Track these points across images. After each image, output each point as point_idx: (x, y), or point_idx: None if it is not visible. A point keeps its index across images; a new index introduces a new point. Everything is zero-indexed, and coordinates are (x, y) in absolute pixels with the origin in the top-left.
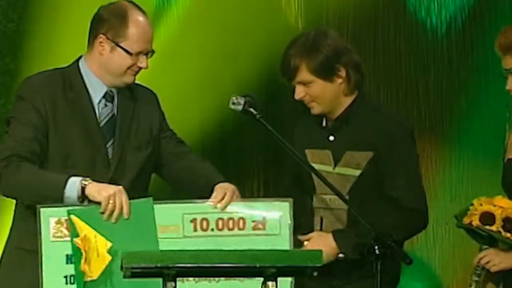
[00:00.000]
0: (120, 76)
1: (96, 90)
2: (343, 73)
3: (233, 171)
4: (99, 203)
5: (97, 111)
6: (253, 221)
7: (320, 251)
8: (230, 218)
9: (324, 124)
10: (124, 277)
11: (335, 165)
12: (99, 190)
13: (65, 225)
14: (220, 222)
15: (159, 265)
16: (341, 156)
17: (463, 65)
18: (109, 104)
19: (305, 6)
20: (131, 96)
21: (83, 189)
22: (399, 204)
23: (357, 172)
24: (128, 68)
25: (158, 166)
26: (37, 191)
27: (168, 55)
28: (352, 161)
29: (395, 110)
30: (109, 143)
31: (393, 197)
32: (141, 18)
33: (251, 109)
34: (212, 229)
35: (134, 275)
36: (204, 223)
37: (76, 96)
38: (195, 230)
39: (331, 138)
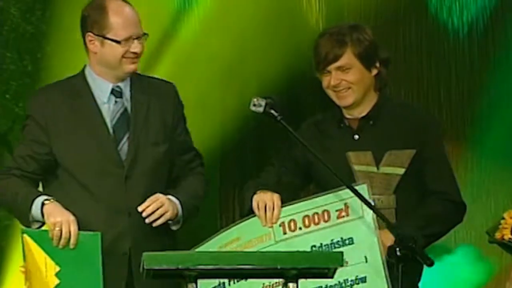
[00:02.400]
0: (118, 67)
1: (102, 89)
2: (378, 65)
3: (253, 172)
4: None
5: (104, 112)
6: (337, 210)
7: (341, 253)
8: (315, 213)
9: (343, 124)
10: (146, 278)
11: (378, 165)
12: (49, 214)
13: None
14: (306, 220)
15: (180, 266)
16: (382, 156)
17: (484, 66)
18: (119, 99)
19: (326, 8)
20: (145, 90)
21: (42, 206)
22: (446, 197)
23: (402, 171)
24: (123, 56)
25: None
26: (12, 207)
27: (189, 56)
28: (395, 160)
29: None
30: (124, 140)
31: (440, 191)
32: (120, 5)
33: (272, 111)
34: (300, 228)
35: (155, 276)
36: (292, 224)
37: (81, 102)
38: (285, 233)
39: (356, 137)
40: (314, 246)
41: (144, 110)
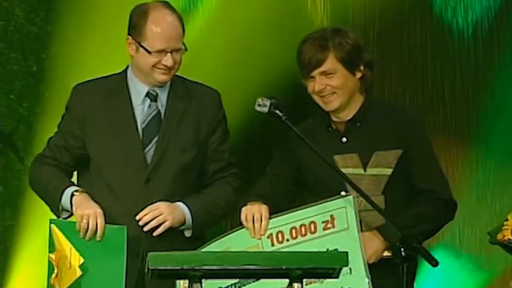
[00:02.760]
0: (149, 75)
1: (138, 91)
2: (362, 68)
3: (258, 172)
4: None
5: (137, 113)
6: (323, 222)
7: (346, 252)
8: (302, 225)
9: (331, 128)
10: (151, 278)
11: (365, 167)
12: (77, 206)
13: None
14: (293, 231)
15: (185, 267)
16: (369, 157)
17: (489, 66)
18: (153, 103)
19: (330, 8)
20: (185, 95)
21: (71, 198)
22: (435, 196)
23: (389, 171)
24: (154, 66)
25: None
26: (43, 194)
27: (193, 56)
28: (382, 160)
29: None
30: (152, 143)
31: (429, 189)
32: (162, 16)
33: (277, 111)
34: (288, 240)
35: (160, 276)
36: (280, 236)
37: (117, 101)
38: (273, 244)
39: (344, 140)
40: None
41: (178, 116)
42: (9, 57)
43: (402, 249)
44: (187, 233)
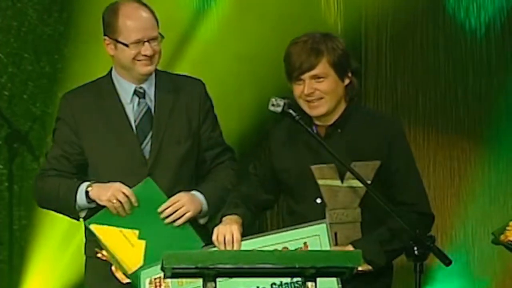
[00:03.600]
0: (132, 69)
1: (126, 90)
2: (350, 75)
3: None
4: None
5: (129, 112)
6: (296, 249)
7: (359, 251)
8: (275, 250)
9: (313, 130)
10: (165, 277)
11: (343, 179)
12: (98, 196)
13: (154, 284)
14: None
15: (199, 265)
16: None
17: (501, 66)
18: (142, 100)
19: (344, 8)
20: (172, 88)
21: (87, 193)
22: (413, 209)
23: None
24: (134, 59)
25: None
26: (55, 203)
27: (207, 56)
28: (360, 172)
29: (387, 112)
30: (147, 139)
31: (407, 202)
32: (132, 8)
33: (291, 111)
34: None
35: (174, 275)
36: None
37: (107, 103)
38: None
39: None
40: (274, 284)
41: (168, 109)
42: (23, 58)
43: (415, 248)
44: (202, 221)
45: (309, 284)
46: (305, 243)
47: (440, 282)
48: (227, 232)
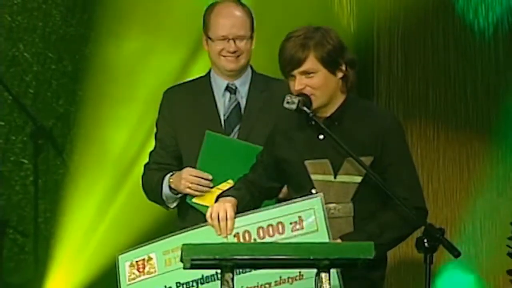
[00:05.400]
0: (218, 64)
1: (218, 86)
2: (343, 68)
3: None
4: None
5: (219, 106)
6: (291, 223)
7: (372, 243)
8: (269, 225)
9: (312, 123)
10: (184, 268)
11: (336, 174)
12: (176, 185)
13: (136, 267)
14: (261, 231)
15: (217, 257)
16: (340, 164)
17: (509, 65)
18: (233, 96)
19: (357, 9)
20: (265, 89)
21: (170, 185)
22: (406, 204)
23: (359, 179)
24: (220, 54)
25: None
26: (152, 194)
27: None
28: (353, 168)
29: (385, 108)
30: (234, 131)
31: (400, 197)
32: (225, 7)
33: (305, 108)
34: (255, 239)
35: (193, 266)
36: (247, 235)
37: (201, 98)
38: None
39: (321, 136)
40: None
41: (258, 108)
42: (47, 57)
43: (425, 240)
44: None
45: (323, 275)
46: (299, 216)
47: (448, 274)
48: (220, 209)
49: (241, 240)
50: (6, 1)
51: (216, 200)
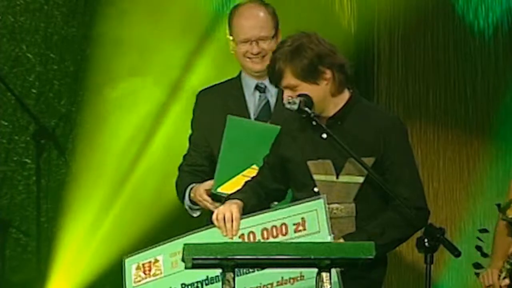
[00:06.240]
0: (244, 65)
1: (248, 86)
2: (328, 74)
3: None
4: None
5: (250, 105)
6: (294, 224)
7: (372, 243)
8: (273, 226)
9: (316, 122)
10: (186, 268)
11: (338, 174)
12: (194, 197)
13: (142, 269)
14: (265, 232)
15: (218, 256)
16: (343, 164)
17: (509, 65)
18: (263, 94)
19: (357, 10)
20: None
21: (190, 197)
22: (407, 204)
23: (361, 179)
24: (244, 56)
25: None
26: (180, 199)
27: (227, 56)
28: (355, 168)
29: (387, 109)
30: None
31: (401, 197)
32: (247, 8)
33: (306, 108)
34: (259, 240)
35: (194, 266)
36: (251, 236)
37: (232, 98)
38: None
39: (324, 135)
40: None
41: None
42: (49, 58)
43: (426, 240)
44: None
45: (324, 274)
46: (302, 218)
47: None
48: (226, 211)
49: (246, 241)
50: (9, 2)
51: (223, 203)
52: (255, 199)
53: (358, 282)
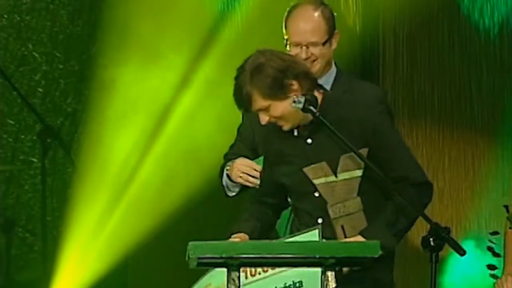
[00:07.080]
0: None
1: None
2: (295, 85)
3: None
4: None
5: None
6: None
7: (377, 242)
8: None
9: (295, 133)
10: (190, 267)
11: (336, 173)
12: (231, 172)
13: None
14: None
15: (223, 255)
16: (337, 163)
17: None
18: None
19: (362, 9)
20: (347, 89)
21: (227, 171)
22: (407, 183)
23: (359, 172)
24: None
25: None
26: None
27: (232, 57)
28: (351, 163)
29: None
30: None
31: (400, 177)
32: (300, 11)
33: (311, 107)
34: (260, 273)
35: (199, 265)
36: (253, 269)
37: None
38: (247, 277)
39: (309, 141)
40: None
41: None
42: (54, 57)
43: (431, 239)
44: None
45: (329, 273)
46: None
47: (453, 272)
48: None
49: (248, 274)
50: (15, 1)
51: (228, 239)
52: (259, 224)
53: (366, 280)
